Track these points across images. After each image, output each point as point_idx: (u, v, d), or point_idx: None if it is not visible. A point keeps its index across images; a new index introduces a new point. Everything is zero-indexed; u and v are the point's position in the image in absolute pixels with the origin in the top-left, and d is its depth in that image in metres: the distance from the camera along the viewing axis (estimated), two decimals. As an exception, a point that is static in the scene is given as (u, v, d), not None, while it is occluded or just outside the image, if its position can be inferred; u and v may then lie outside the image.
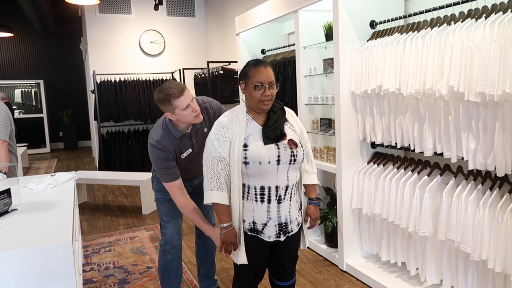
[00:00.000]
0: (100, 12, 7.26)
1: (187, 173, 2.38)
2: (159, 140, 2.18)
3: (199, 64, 7.54)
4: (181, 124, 2.20)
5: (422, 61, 2.36)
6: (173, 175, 2.21)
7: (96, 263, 3.49)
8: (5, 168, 2.70)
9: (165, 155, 2.18)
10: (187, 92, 2.12)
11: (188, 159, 2.30)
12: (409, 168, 2.76)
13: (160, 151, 2.17)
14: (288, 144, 1.84)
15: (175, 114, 2.12)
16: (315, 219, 2.07)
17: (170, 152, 2.19)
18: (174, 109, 2.10)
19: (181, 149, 2.25)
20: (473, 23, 2.12)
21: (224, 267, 3.29)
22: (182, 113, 2.11)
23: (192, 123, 2.20)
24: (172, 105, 2.08)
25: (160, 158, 2.18)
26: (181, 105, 2.08)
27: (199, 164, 2.36)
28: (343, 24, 2.89)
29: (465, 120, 2.20)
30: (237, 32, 4.63)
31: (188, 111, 2.11)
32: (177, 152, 2.24)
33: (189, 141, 2.27)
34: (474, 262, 2.24)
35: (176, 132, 2.21)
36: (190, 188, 2.46)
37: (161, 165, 2.20)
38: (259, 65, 1.82)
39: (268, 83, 1.80)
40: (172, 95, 2.07)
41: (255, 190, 1.84)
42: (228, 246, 1.87)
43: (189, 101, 2.10)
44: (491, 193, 2.18)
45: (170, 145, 2.19)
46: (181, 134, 2.21)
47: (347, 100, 2.98)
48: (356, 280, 2.97)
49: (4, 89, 10.85)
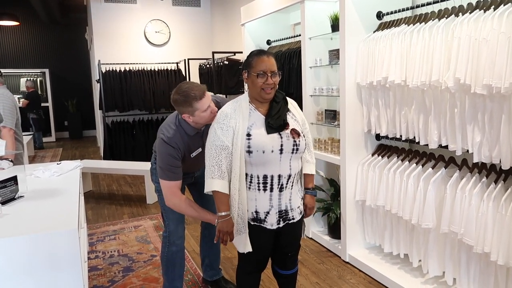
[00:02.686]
0: (106, 1, 7.24)
1: (190, 167, 2.37)
2: (171, 137, 2.14)
3: (204, 55, 7.52)
4: (197, 124, 2.16)
5: (428, 53, 2.35)
6: (176, 175, 2.16)
7: (101, 251, 3.53)
8: (12, 156, 2.73)
9: (175, 152, 2.14)
10: (208, 94, 2.09)
11: (197, 157, 2.28)
12: (414, 160, 2.76)
13: (171, 147, 2.13)
14: (290, 133, 1.87)
15: (194, 116, 2.07)
16: (311, 209, 2.09)
17: (181, 150, 2.16)
18: (194, 111, 2.06)
19: (191, 148, 2.23)
20: (481, 14, 2.10)
21: (227, 257, 3.32)
22: (202, 115, 2.07)
23: (208, 123, 2.14)
24: (192, 107, 2.04)
25: (170, 155, 2.13)
26: (202, 107, 2.05)
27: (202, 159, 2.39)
28: (349, 15, 2.86)
29: (471, 112, 2.19)
30: (243, 23, 4.60)
31: (208, 112, 2.07)
32: (187, 152, 2.22)
33: (200, 140, 2.24)
34: (477, 254, 2.25)
35: (190, 130, 2.17)
36: (191, 179, 2.46)
37: (169, 162, 2.14)
38: (261, 55, 1.86)
39: (270, 72, 1.83)
40: (194, 97, 2.02)
41: (258, 179, 1.87)
42: (224, 235, 1.89)
43: (209, 102, 2.07)
44: (496, 186, 2.18)
45: (182, 144, 2.16)
46: (194, 132, 2.19)
47: (352, 92, 2.97)
48: (358, 271, 2.99)
49: (10, 78, 10.89)
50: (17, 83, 11.13)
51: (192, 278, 2.97)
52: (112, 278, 3.01)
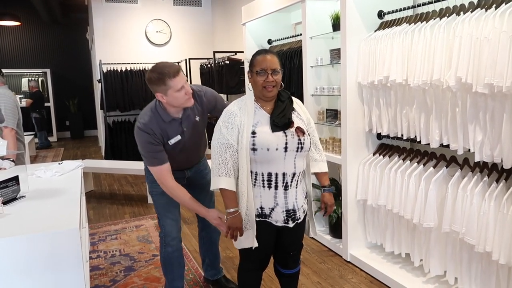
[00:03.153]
0: (107, 1, 7.25)
1: (178, 164, 2.33)
2: (147, 123, 2.12)
3: (205, 54, 7.52)
4: (171, 108, 2.14)
5: (430, 52, 2.34)
6: (160, 159, 2.15)
7: (102, 250, 3.53)
8: (13, 156, 2.73)
9: (152, 138, 2.12)
10: (182, 74, 2.09)
11: (177, 147, 2.23)
12: (415, 159, 2.76)
13: (146, 134, 2.11)
14: (295, 131, 1.88)
15: (167, 95, 2.06)
16: (332, 206, 2.12)
17: (157, 136, 2.13)
18: (167, 90, 2.04)
19: (169, 134, 2.18)
20: (483, 13, 2.09)
21: (228, 256, 3.32)
22: (175, 94, 2.05)
23: (183, 106, 2.15)
24: (166, 85, 2.02)
25: (147, 142, 2.12)
26: (176, 86, 2.03)
27: (191, 155, 2.37)
28: (350, 14, 2.86)
29: (472, 111, 2.18)
30: (244, 22, 4.60)
31: (182, 93, 2.06)
32: (165, 137, 2.17)
33: (179, 127, 2.21)
34: (478, 253, 2.24)
35: (165, 115, 2.15)
36: (183, 181, 2.41)
37: (148, 149, 2.13)
38: (262, 53, 1.90)
39: (271, 70, 1.85)
40: (167, 74, 2.01)
41: (263, 176, 1.88)
42: (234, 231, 1.90)
43: (184, 83, 2.07)
44: (497, 185, 2.17)
45: (158, 129, 2.14)
46: (170, 118, 2.16)
47: (353, 91, 2.97)
48: (360, 271, 2.99)
49: (11, 78, 10.90)
50: (19, 83, 11.15)
51: (193, 278, 2.97)
52: (113, 277, 3.02)
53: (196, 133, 2.31)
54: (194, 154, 2.42)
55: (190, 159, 2.41)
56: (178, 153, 2.26)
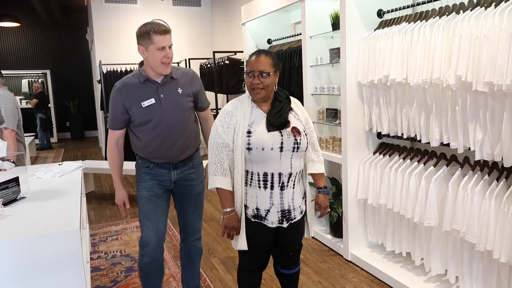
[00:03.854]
0: (106, 2, 7.25)
1: (160, 149, 2.19)
2: (121, 80, 2.16)
3: (205, 54, 7.52)
4: (150, 70, 2.13)
5: (429, 51, 2.34)
6: (115, 124, 2.19)
7: (103, 251, 3.53)
8: (14, 157, 2.73)
9: (119, 93, 2.13)
10: (169, 37, 2.08)
11: (153, 117, 2.14)
12: (415, 158, 2.75)
13: (116, 88, 2.14)
14: (291, 131, 1.87)
15: (148, 50, 2.05)
16: (325, 208, 2.10)
17: (124, 92, 2.12)
18: (149, 45, 2.04)
19: (141, 96, 2.13)
20: (482, 11, 2.09)
21: (229, 256, 3.32)
22: (155, 52, 2.04)
23: (159, 70, 2.10)
24: (150, 39, 2.03)
25: (114, 97, 2.15)
26: (158, 44, 2.03)
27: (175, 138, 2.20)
28: (350, 13, 2.86)
29: (472, 110, 2.18)
30: (243, 22, 4.60)
31: (161, 54, 2.05)
32: (137, 99, 2.12)
33: (155, 93, 2.15)
34: (479, 252, 2.24)
35: (141, 76, 2.14)
36: (170, 184, 2.27)
37: (112, 106, 2.16)
38: (254, 54, 1.89)
39: (258, 71, 1.84)
40: (155, 29, 2.02)
41: (258, 176, 1.88)
42: (231, 230, 1.90)
43: (167, 45, 2.06)
44: (498, 183, 2.17)
45: (131, 86, 2.13)
46: (145, 78, 2.13)
47: (353, 90, 2.97)
48: (360, 270, 2.99)
49: (11, 79, 10.91)
50: (19, 84, 11.16)
51: (194, 278, 2.97)
52: (114, 278, 3.02)
53: (177, 108, 2.19)
54: (178, 139, 2.21)
55: (174, 145, 2.21)
56: (157, 127, 2.16)
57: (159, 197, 2.26)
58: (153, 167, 2.25)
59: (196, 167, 2.35)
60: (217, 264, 3.21)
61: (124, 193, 2.27)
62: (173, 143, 2.20)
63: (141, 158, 2.29)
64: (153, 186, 2.25)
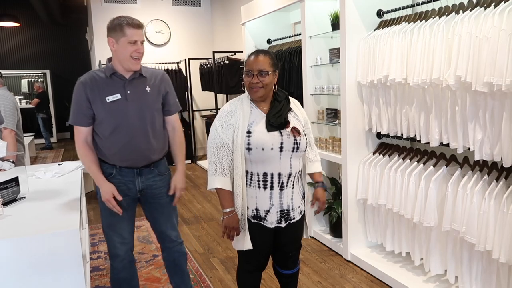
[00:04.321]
0: (106, 2, 7.25)
1: (124, 149, 2.06)
2: (89, 72, 2.06)
3: (204, 54, 7.51)
4: (118, 65, 2.03)
5: (429, 51, 2.34)
6: (81, 119, 2.03)
7: (103, 251, 3.53)
8: (13, 157, 2.73)
9: (82, 87, 2.01)
10: (142, 32, 2.01)
11: (117, 113, 2.02)
12: (415, 158, 2.76)
13: (80, 82, 2.02)
14: (291, 132, 1.87)
15: (118, 43, 1.97)
16: (323, 203, 2.08)
17: (89, 87, 2.00)
18: (120, 38, 1.96)
19: (105, 90, 2.02)
20: (482, 11, 2.09)
21: (229, 256, 3.32)
22: (126, 45, 1.96)
23: (128, 65, 2.01)
24: (122, 31, 1.95)
25: (79, 92, 2.02)
26: (130, 37, 1.96)
27: (139, 139, 2.06)
28: (349, 13, 2.86)
29: (472, 110, 2.18)
30: (243, 22, 4.60)
31: (133, 48, 1.97)
32: (102, 93, 2.01)
33: (122, 88, 2.04)
34: (479, 252, 2.24)
35: (108, 70, 2.04)
36: (135, 193, 2.14)
37: (76, 101, 2.03)
38: (253, 54, 1.89)
39: (257, 71, 1.84)
40: (128, 22, 1.95)
41: (258, 176, 1.88)
42: (231, 231, 1.90)
43: (139, 40, 1.99)
44: (497, 183, 2.17)
45: (97, 80, 2.03)
46: (111, 72, 2.03)
47: (353, 90, 2.97)
48: (360, 270, 2.99)
49: (11, 79, 10.91)
50: (18, 84, 11.15)
51: (193, 278, 2.97)
52: (114, 278, 3.01)
53: (144, 106, 2.08)
54: (143, 139, 2.08)
55: (139, 146, 2.07)
56: (121, 125, 2.03)
57: (124, 208, 2.10)
58: (115, 175, 2.09)
59: (163, 174, 2.21)
60: (216, 264, 3.21)
61: (110, 185, 2.05)
62: (138, 143, 2.06)
63: (103, 162, 2.11)
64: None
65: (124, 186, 2.10)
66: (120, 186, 2.08)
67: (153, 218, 2.26)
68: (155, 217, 2.25)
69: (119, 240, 2.16)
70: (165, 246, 2.33)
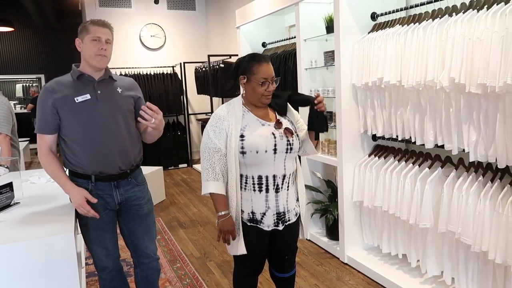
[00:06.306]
0: (100, 6, 7.24)
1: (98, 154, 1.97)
2: (55, 78, 1.99)
3: (200, 58, 7.52)
4: (87, 67, 1.98)
5: (423, 53, 2.35)
6: (46, 127, 1.95)
7: (98, 256, 3.50)
8: (7, 162, 2.71)
9: (51, 97, 1.92)
10: (108, 32, 1.97)
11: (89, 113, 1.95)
12: (410, 160, 2.76)
13: (46, 89, 1.94)
14: (284, 133, 1.89)
15: (83, 42, 1.94)
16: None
17: (58, 91, 1.93)
18: (84, 36, 1.93)
19: (75, 91, 1.96)
20: (475, 14, 2.11)
21: (226, 260, 3.31)
22: (90, 43, 1.92)
23: (93, 62, 1.94)
24: (86, 30, 1.93)
25: (44, 98, 1.93)
26: (93, 34, 1.92)
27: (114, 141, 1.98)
28: (344, 16, 2.87)
29: (466, 112, 2.19)
30: (238, 25, 4.61)
31: (96, 46, 1.91)
32: (70, 95, 1.94)
33: (92, 89, 1.97)
34: (475, 253, 2.25)
35: (75, 72, 1.99)
36: (114, 206, 2.06)
37: (41, 108, 1.94)
38: (262, 61, 1.87)
39: (271, 79, 1.87)
40: (93, 21, 1.94)
41: (253, 179, 1.88)
42: (226, 234, 1.89)
43: (104, 38, 1.93)
44: (492, 185, 2.18)
45: (63, 84, 1.96)
46: (78, 74, 1.97)
47: (348, 93, 2.98)
48: (357, 272, 2.99)
49: (6, 84, 10.87)
50: (13, 89, 11.10)
51: (190, 282, 2.96)
52: (110, 283, 2.99)
53: (116, 106, 2.01)
54: (117, 143, 2.00)
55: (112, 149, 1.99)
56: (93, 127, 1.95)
57: (106, 223, 2.06)
58: (92, 189, 1.99)
59: (141, 185, 2.15)
60: (213, 268, 3.20)
61: (80, 189, 1.94)
62: (112, 145, 1.98)
63: (77, 176, 2.01)
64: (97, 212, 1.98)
65: (102, 200, 2.02)
66: (98, 201, 1.99)
67: (129, 231, 2.18)
68: (132, 229, 2.16)
69: (104, 253, 2.10)
70: (139, 261, 2.26)
